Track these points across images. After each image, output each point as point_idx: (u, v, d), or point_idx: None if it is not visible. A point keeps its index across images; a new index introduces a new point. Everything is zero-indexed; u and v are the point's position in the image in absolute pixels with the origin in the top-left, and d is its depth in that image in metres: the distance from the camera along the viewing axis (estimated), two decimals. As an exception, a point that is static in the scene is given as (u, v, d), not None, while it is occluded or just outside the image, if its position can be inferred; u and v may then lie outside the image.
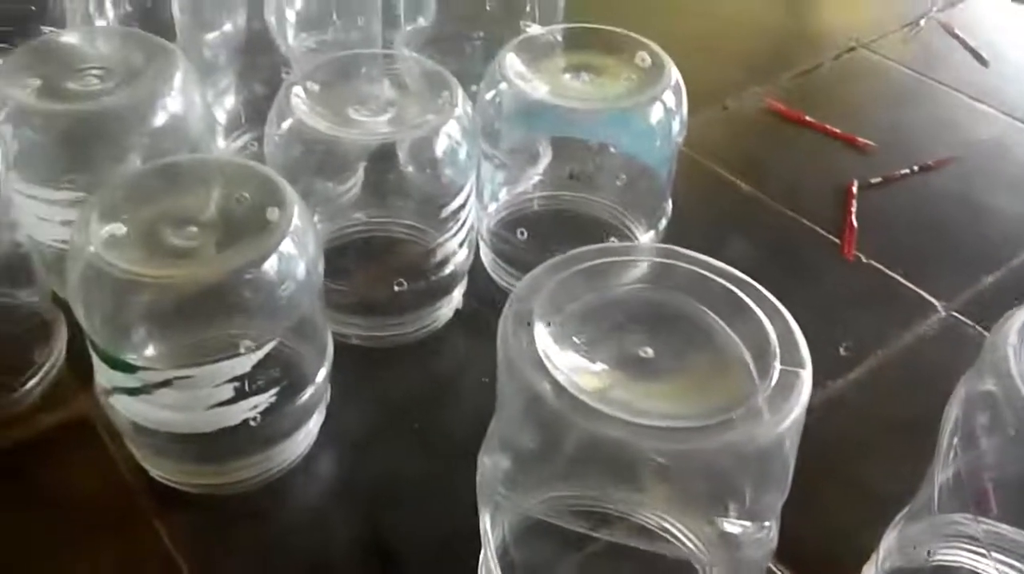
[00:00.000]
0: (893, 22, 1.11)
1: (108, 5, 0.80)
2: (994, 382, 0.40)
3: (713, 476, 0.42)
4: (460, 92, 0.67)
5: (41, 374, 0.67)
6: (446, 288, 0.71)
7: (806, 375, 0.41)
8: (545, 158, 0.77)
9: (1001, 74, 1.03)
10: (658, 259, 0.47)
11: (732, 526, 0.44)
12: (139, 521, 0.60)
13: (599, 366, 0.42)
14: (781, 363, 0.41)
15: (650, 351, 0.43)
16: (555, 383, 0.40)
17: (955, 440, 0.43)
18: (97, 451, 0.64)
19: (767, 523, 0.45)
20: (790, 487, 0.59)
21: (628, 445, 0.38)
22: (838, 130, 0.93)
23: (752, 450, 0.40)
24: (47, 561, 0.58)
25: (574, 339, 0.43)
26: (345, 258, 0.72)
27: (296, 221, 0.55)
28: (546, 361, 0.41)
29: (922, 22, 1.11)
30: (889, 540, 0.50)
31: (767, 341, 0.42)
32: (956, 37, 1.09)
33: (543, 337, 0.42)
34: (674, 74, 0.69)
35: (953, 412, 0.44)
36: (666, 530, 0.50)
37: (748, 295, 0.45)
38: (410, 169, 0.66)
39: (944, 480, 0.45)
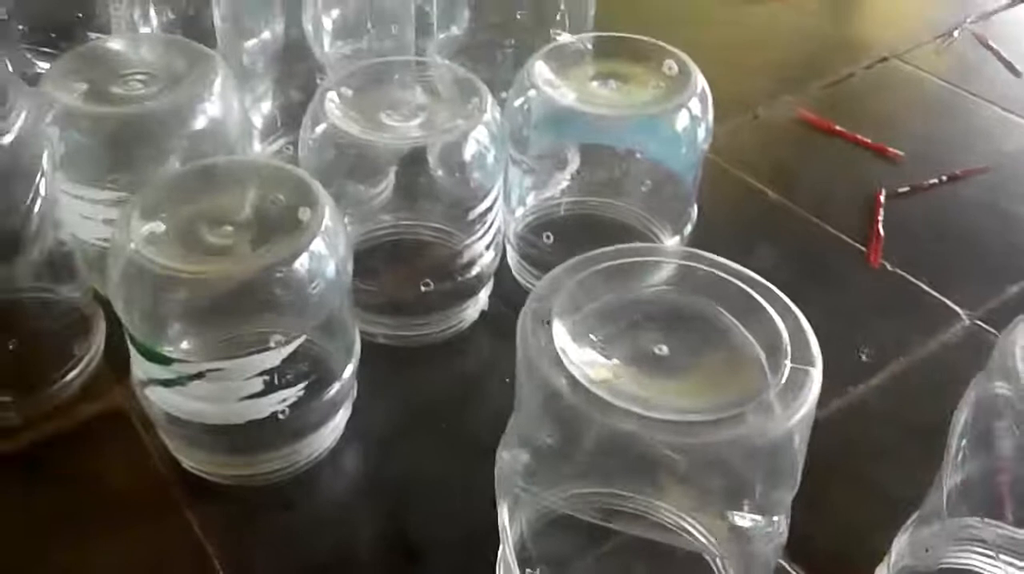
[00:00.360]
0: (927, 33, 1.11)
1: (152, 13, 0.82)
2: (1003, 384, 0.41)
3: (724, 470, 0.43)
4: (489, 98, 0.68)
5: (80, 367, 0.69)
6: (472, 289, 0.73)
7: (816, 373, 0.42)
8: (573, 164, 0.78)
9: (1034, 86, 1.03)
10: (676, 260, 0.48)
11: (743, 520, 0.45)
12: (171, 510, 0.62)
13: (615, 362, 0.44)
14: (792, 361, 0.42)
15: (665, 349, 0.44)
16: (571, 378, 0.41)
17: (963, 443, 0.44)
18: (132, 442, 0.66)
19: (776, 518, 0.46)
20: (807, 488, 0.60)
21: (640, 438, 0.39)
22: (868, 140, 0.94)
23: (762, 444, 0.41)
24: (81, 547, 0.60)
25: (591, 337, 0.45)
26: (374, 259, 0.73)
27: (327, 221, 0.57)
28: (563, 357, 0.42)
29: (956, 33, 1.11)
30: (901, 543, 0.51)
31: (779, 340, 0.43)
32: (990, 48, 1.09)
33: (561, 334, 0.44)
34: (700, 82, 0.70)
35: (963, 415, 0.44)
36: (679, 525, 0.51)
37: (762, 296, 0.46)
38: (439, 173, 0.68)
39: (954, 484, 0.46)
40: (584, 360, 0.43)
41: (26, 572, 0.59)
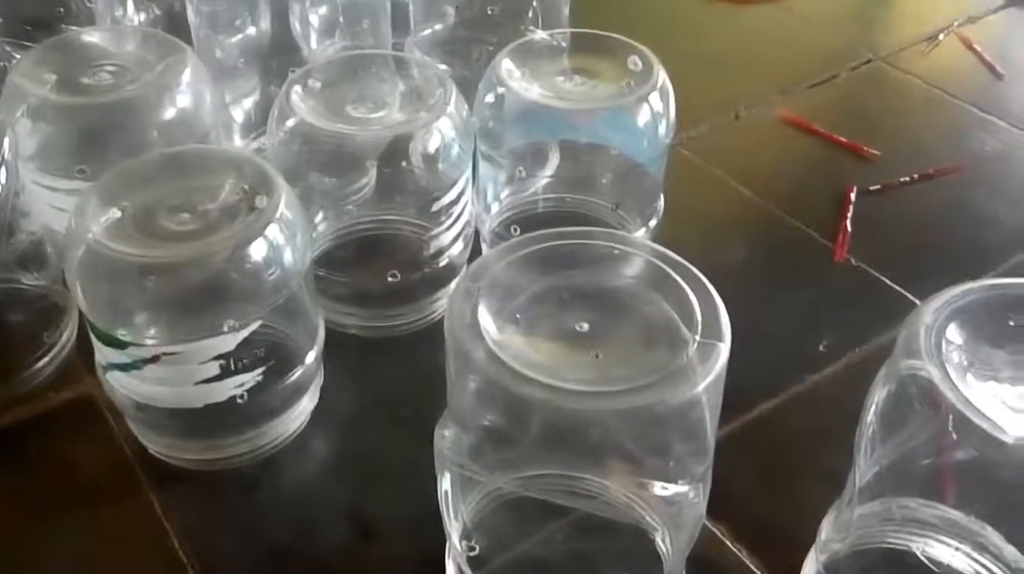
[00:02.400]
0: (913, 36, 1.12)
1: (131, 9, 0.84)
2: (906, 363, 0.42)
3: (637, 438, 0.44)
4: (454, 90, 0.69)
5: (51, 355, 0.70)
6: (441, 281, 0.74)
7: (724, 347, 0.43)
8: (554, 161, 0.80)
9: (1014, 87, 1.04)
10: (605, 243, 0.49)
11: (664, 490, 0.46)
12: (134, 492, 0.63)
13: (535, 338, 0.45)
14: (702, 336, 0.43)
15: (586, 326, 0.46)
16: (488, 351, 0.42)
17: (874, 426, 0.45)
18: (100, 428, 0.67)
19: (690, 486, 0.47)
20: (759, 470, 0.62)
21: (551, 406, 0.40)
22: (844, 139, 0.94)
23: (670, 409, 0.42)
24: (47, 526, 0.62)
25: (516, 315, 0.46)
26: (342, 250, 0.74)
27: (283, 208, 0.58)
28: (484, 333, 0.43)
29: (941, 36, 1.12)
30: (827, 524, 0.51)
31: (693, 317, 0.45)
32: (974, 51, 1.09)
33: (484, 312, 0.45)
34: (661, 76, 0.71)
35: (874, 398, 0.45)
36: (618, 500, 0.52)
37: (682, 276, 0.47)
38: (404, 164, 0.69)
39: (868, 466, 0.46)
40: (504, 335, 0.44)
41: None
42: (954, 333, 0.43)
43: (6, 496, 0.64)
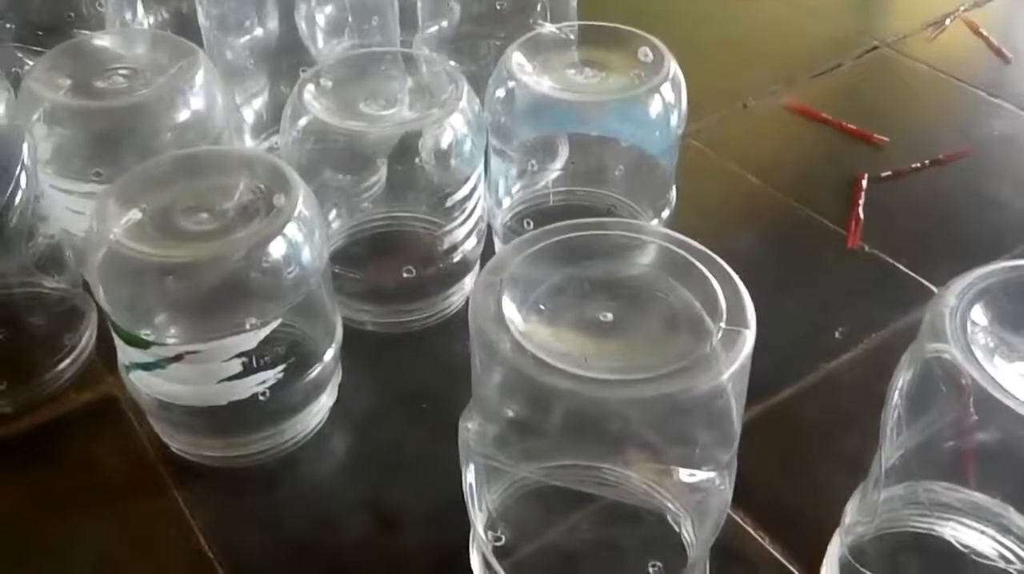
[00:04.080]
0: (919, 22, 1.12)
1: (141, 12, 0.84)
2: (931, 346, 0.42)
3: (664, 426, 0.44)
4: (465, 86, 0.70)
5: (72, 357, 0.71)
6: (455, 276, 0.74)
7: (749, 334, 0.44)
8: (563, 154, 0.80)
9: (1022, 71, 1.04)
10: (626, 233, 0.50)
11: (691, 477, 0.46)
12: (159, 491, 0.64)
13: (560, 328, 0.45)
14: (727, 323, 0.44)
15: (610, 316, 0.46)
16: (514, 341, 0.43)
17: (900, 410, 0.45)
18: (122, 428, 0.68)
19: (715, 473, 0.47)
20: (779, 456, 0.62)
21: (577, 395, 0.41)
22: (853, 126, 0.95)
23: (694, 397, 0.42)
24: (72, 527, 0.62)
25: (540, 306, 0.46)
26: (357, 247, 0.75)
27: (301, 206, 0.59)
28: (509, 323, 0.44)
29: (948, 21, 1.12)
30: (852, 507, 0.52)
31: (717, 305, 0.45)
32: (980, 36, 1.09)
33: (509, 304, 0.45)
34: (673, 67, 0.71)
35: (899, 381, 0.45)
36: (641, 489, 0.52)
37: (704, 264, 0.47)
38: (416, 160, 0.69)
39: (895, 450, 0.47)
40: (529, 326, 0.44)
41: (21, 552, 0.61)
42: (979, 315, 0.44)
43: (31, 497, 0.64)
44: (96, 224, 0.57)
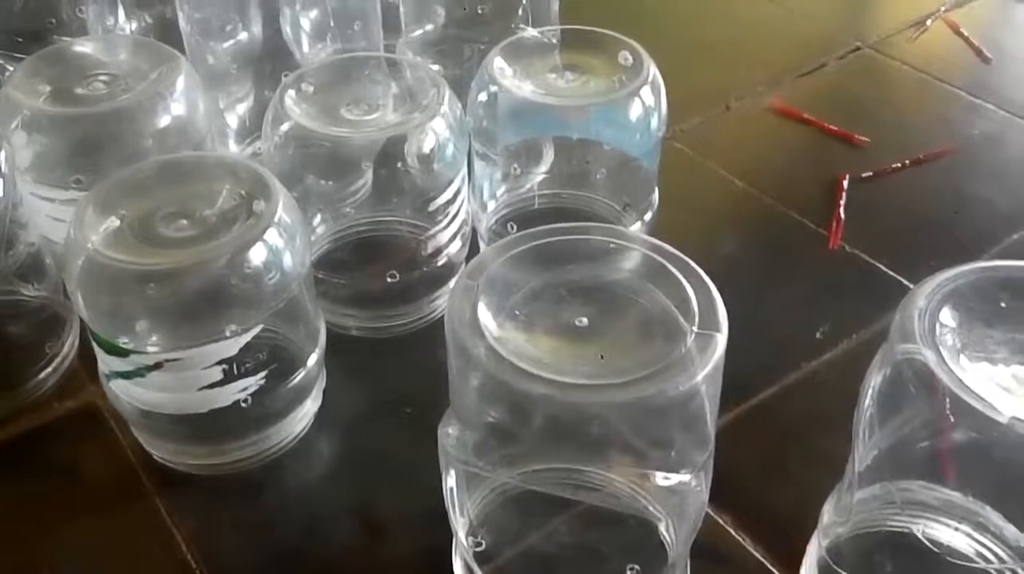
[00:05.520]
0: (900, 23, 1.12)
1: (122, 18, 0.84)
2: (901, 347, 0.42)
3: (638, 429, 0.44)
4: (447, 91, 0.70)
5: (53, 366, 0.71)
6: (440, 280, 0.74)
7: (721, 337, 0.44)
8: (548, 158, 0.80)
9: (1002, 71, 1.04)
10: (604, 238, 0.50)
11: (667, 480, 0.46)
12: (140, 499, 0.64)
13: (536, 334, 0.45)
14: (700, 327, 0.44)
15: (585, 321, 0.46)
16: (489, 348, 0.43)
17: (871, 410, 0.45)
18: (104, 436, 0.68)
19: (691, 474, 0.48)
20: (759, 456, 0.62)
21: (552, 400, 0.41)
22: (834, 127, 0.95)
23: (669, 400, 0.43)
24: (54, 536, 0.62)
25: (515, 311, 0.46)
26: (341, 252, 0.75)
27: (281, 212, 0.59)
28: (485, 330, 0.44)
29: (929, 22, 1.12)
30: (829, 508, 0.52)
31: (690, 310, 0.45)
32: (962, 36, 1.10)
33: (484, 310, 0.45)
34: (652, 71, 0.72)
35: (870, 382, 0.45)
36: (624, 492, 0.53)
37: (678, 269, 0.48)
38: (399, 165, 0.69)
39: (866, 450, 0.47)
40: (504, 332, 0.44)
41: (1, 561, 0.61)
42: (947, 316, 0.44)
43: (13, 507, 0.64)
44: (74, 232, 0.57)
